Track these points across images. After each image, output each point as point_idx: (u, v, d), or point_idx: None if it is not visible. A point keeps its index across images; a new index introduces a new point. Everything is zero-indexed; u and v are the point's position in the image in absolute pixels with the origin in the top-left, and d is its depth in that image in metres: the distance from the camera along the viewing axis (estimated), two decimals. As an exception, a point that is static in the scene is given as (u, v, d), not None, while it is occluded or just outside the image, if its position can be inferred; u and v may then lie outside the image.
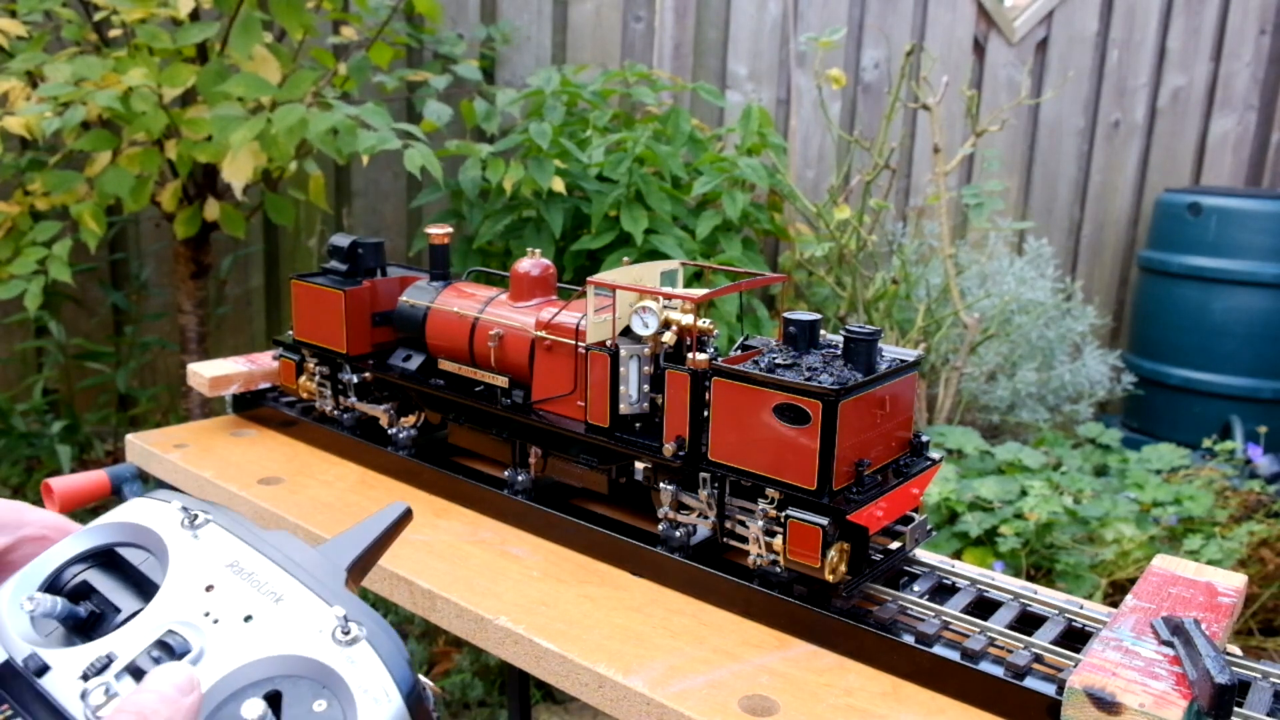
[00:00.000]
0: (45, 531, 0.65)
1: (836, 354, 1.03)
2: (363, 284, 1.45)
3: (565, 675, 0.98)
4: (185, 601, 0.56)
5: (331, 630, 0.54)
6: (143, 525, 0.61)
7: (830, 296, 3.17)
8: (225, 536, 0.60)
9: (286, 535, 0.61)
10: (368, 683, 0.52)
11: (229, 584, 0.57)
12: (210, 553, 0.59)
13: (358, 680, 0.52)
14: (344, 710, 0.51)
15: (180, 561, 0.58)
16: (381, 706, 0.51)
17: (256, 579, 0.57)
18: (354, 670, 0.52)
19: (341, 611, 0.54)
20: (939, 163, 2.92)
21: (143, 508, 0.62)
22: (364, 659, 0.53)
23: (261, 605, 0.56)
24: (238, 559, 0.58)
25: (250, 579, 0.57)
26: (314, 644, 0.53)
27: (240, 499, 1.36)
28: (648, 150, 2.62)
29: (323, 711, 0.52)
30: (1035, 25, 3.95)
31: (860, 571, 1.01)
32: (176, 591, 0.57)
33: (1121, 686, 0.81)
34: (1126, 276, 4.32)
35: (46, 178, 2.31)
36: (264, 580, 0.57)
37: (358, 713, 0.51)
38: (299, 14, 2.35)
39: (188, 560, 0.58)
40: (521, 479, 1.28)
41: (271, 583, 0.57)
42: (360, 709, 0.51)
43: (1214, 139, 4.30)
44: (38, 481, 2.66)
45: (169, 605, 0.56)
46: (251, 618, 0.55)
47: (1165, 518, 2.43)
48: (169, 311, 3.03)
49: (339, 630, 0.54)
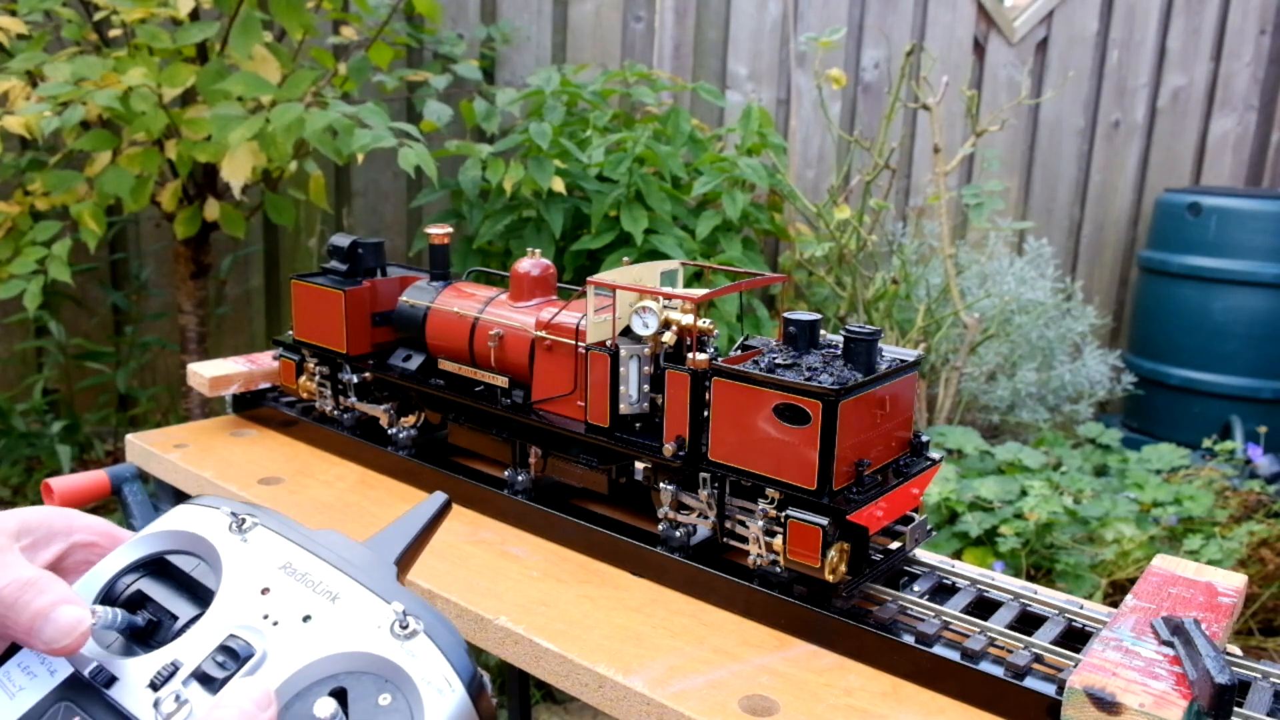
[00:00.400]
0: (95, 538, 0.65)
1: (836, 354, 1.03)
2: (363, 284, 1.45)
3: (565, 675, 0.98)
4: (243, 605, 0.57)
5: (390, 625, 0.55)
6: (192, 532, 0.61)
7: (830, 296, 3.17)
8: (275, 539, 0.60)
9: (335, 534, 0.62)
10: (430, 674, 0.53)
11: (284, 586, 0.58)
12: (262, 556, 0.59)
13: (420, 672, 0.53)
14: (409, 702, 0.53)
15: (234, 566, 0.59)
16: (445, 697, 0.52)
17: (311, 579, 0.58)
18: (416, 663, 0.53)
19: (400, 606, 0.55)
20: (939, 163, 2.92)
21: (191, 514, 0.62)
22: (425, 651, 0.54)
23: (319, 605, 0.57)
24: (290, 560, 0.59)
25: (305, 579, 0.58)
26: (374, 639, 0.54)
27: (240, 499, 1.36)
28: (648, 150, 2.62)
29: (388, 705, 0.53)
30: (1035, 25, 3.96)
31: (860, 571, 1.01)
32: (233, 596, 0.58)
33: (1121, 686, 0.81)
34: (1126, 276, 4.32)
35: (46, 178, 2.31)
36: (318, 580, 0.58)
37: (423, 704, 0.52)
38: (299, 14, 2.35)
39: (241, 564, 0.59)
40: (521, 479, 1.28)
41: (326, 582, 0.58)
42: (425, 700, 0.52)
43: (1214, 139, 4.30)
44: (38, 481, 2.66)
45: (227, 610, 0.57)
46: (310, 617, 0.56)
47: (1165, 518, 2.43)
48: (169, 311, 3.03)
49: (397, 624, 0.55)
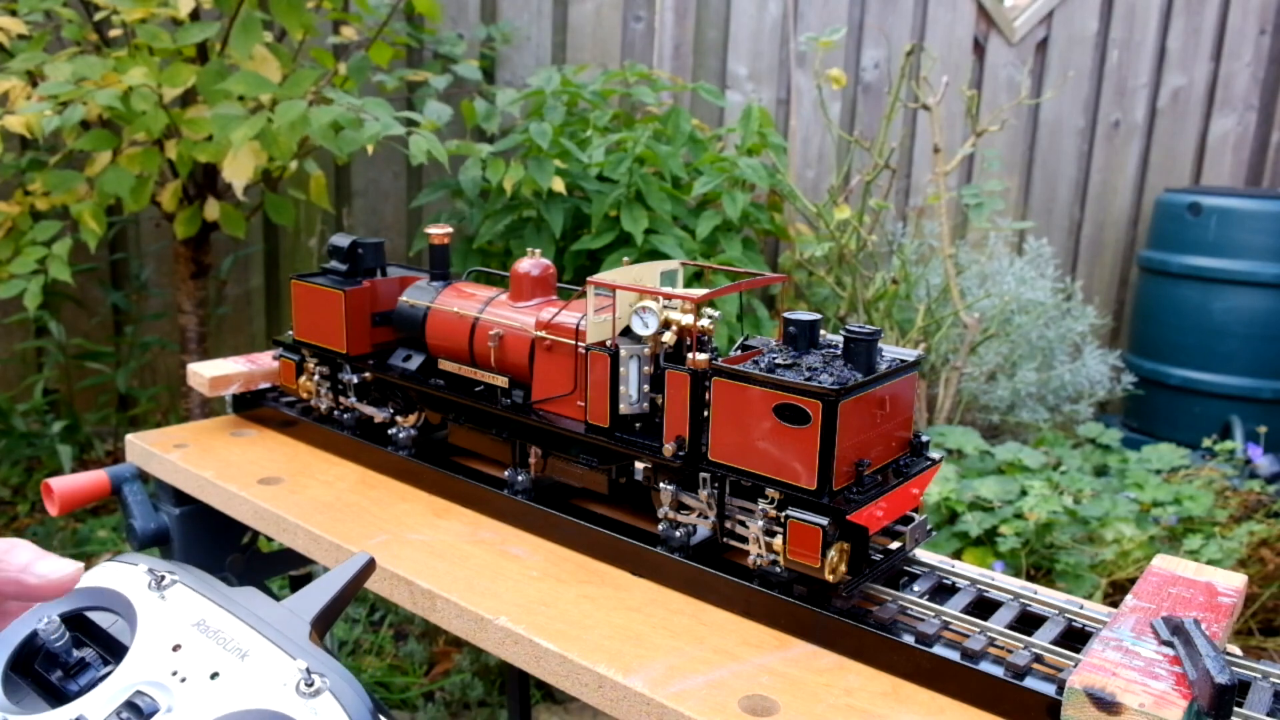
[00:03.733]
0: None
1: (836, 354, 1.03)
2: (363, 284, 1.45)
3: (565, 675, 0.98)
4: (153, 661, 0.57)
5: (295, 683, 0.55)
6: (110, 589, 0.62)
7: (830, 296, 3.17)
8: (192, 596, 0.61)
9: (253, 591, 0.63)
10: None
11: (196, 643, 0.58)
12: (178, 612, 0.60)
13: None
14: None
15: (148, 622, 0.60)
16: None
17: (223, 636, 0.58)
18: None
19: (304, 664, 0.56)
20: (939, 163, 2.92)
21: (110, 572, 0.63)
22: (327, 710, 0.54)
23: (228, 662, 0.57)
24: (204, 618, 0.60)
25: (216, 636, 0.58)
26: (279, 697, 0.55)
27: (240, 499, 1.36)
28: (648, 150, 2.62)
29: None
30: (1035, 25, 3.96)
31: (860, 571, 1.01)
32: (145, 652, 0.58)
33: (1121, 686, 0.81)
34: (1126, 276, 4.32)
35: (46, 177, 2.31)
36: (230, 637, 0.58)
37: None
38: (299, 14, 2.35)
39: (155, 621, 0.60)
40: (521, 479, 1.28)
41: (237, 639, 0.58)
42: None
43: (1214, 139, 4.30)
44: (38, 481, 2.66)
45: (137, 666, 0.57)
46: (218, 674, 0.56)
47: (1165, 518, 2.43)
48: (169, 311, 3.03)
49: (302, 683, 0.55)
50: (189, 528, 1.52)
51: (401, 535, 1.24)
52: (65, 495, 1.44)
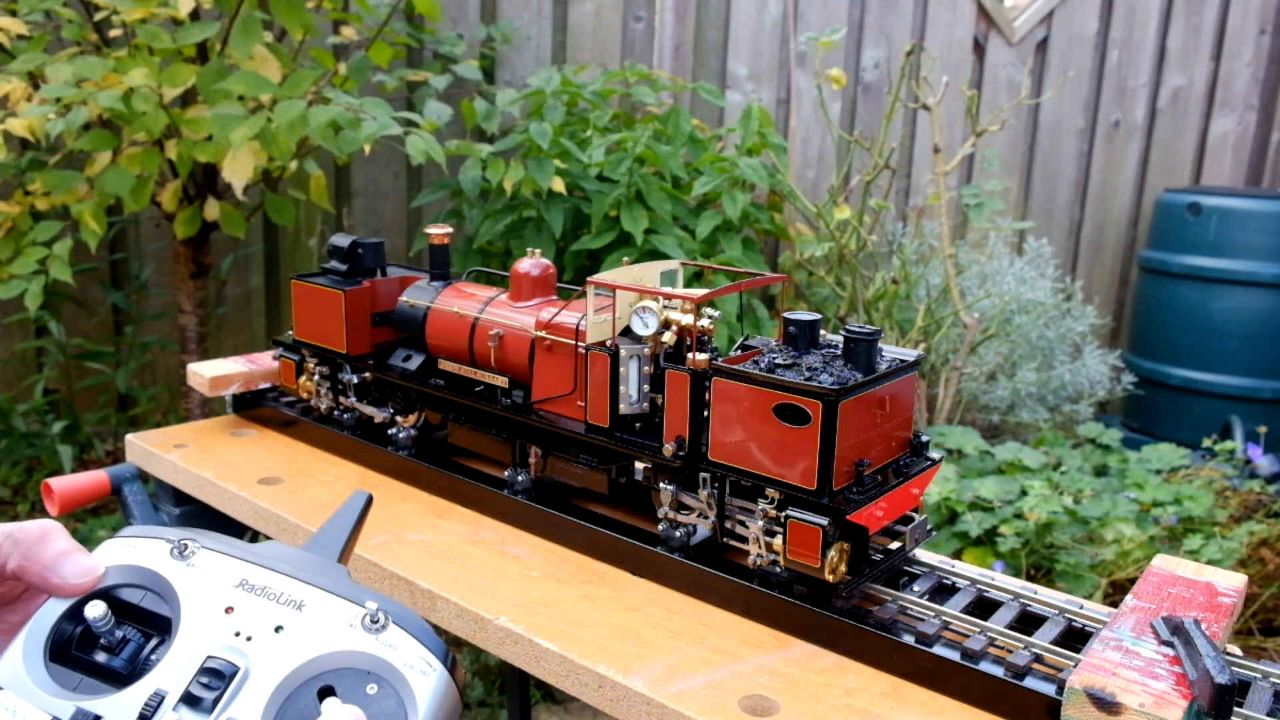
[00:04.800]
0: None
1: (836, 354, 1.03)
2: (363, 284, 1.45)
3: (565, 675, 0.98)
4: (211, 627, 0.58)
5: (361, 621, 0.58)
6: (135, 565, 0.62)
7: (830, 296, 3.17)
8: (221, 559, 0.62)
9: (275, 544, 0.65)
10: (409, 659, 0.57)
11: (246, 602, 0.60)
12: (214, 576, 0.61)
13: (400, 659, 0.57)
14: (395, 688, 0.56)
15: (189, 591, 0.60)
16: (428, 677, 0.56)
17: (271, 591, 0.60)
18: (394, 652, 0.57)
19: (373, 605, 0.59)
20: (939, 163, 2.92)
21: (129, 547, 0.63)
22: (399, 640, 0.57)
23: (286, 615, 0.59)
24: (245, 577, 0.61)
25: (265, 593, 0.60)
26: (350, 637, 0.58)
27: (240, 499, 1.36)
28: (648, 150, 2.62)
29: (376, 694, 0.56)
30: (1035, 25, 3.95)
31: (860, 571, 1.01)
32: (198, 620, 0.59)
33: (1121, 686, 0.81)
34: (1126, 276, 4.32)
35: (47, 178, 2.31)
36: (279, 591, 0.60)
37: (410, 687, 0.56)
38: (299, 14, 2.35)
39: (196, 588, 0.60)
40: (521, 479, 1.28)
41: (287, 591, 0.60)
42: (411, 683, 0.56)
43: (1214, 139, 4.30)
44: (38, 481, 2.66)
45: (196, 633, 0.58)
46: (282, 628, 0.58)
47: (1165, 518, 2.43)
48: (169, 311, 3.03)
49: (367, 618, 0.58)
50: (189, 527, 1.52)
51: (401, 535, 1.24)
52: (65, 495, 1.44)
